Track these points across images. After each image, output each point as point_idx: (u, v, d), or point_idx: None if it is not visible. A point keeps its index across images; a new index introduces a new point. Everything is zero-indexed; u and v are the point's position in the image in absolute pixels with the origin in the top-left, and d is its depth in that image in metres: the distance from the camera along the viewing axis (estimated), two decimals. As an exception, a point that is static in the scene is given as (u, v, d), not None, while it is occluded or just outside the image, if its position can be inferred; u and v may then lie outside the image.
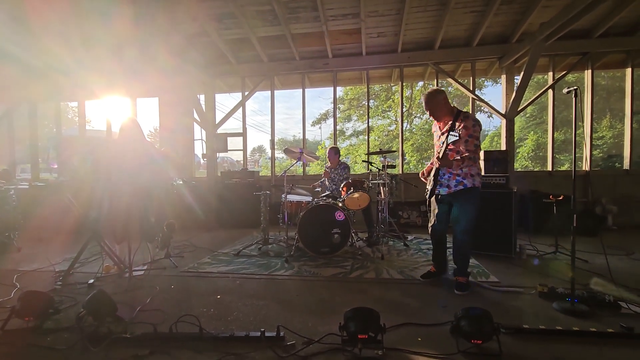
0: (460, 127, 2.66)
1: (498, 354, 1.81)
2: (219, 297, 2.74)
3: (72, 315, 2.28)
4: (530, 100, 6.42)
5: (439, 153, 2.68)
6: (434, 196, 2.92)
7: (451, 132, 2.53)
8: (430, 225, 3.07)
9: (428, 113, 2.90)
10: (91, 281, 3.06)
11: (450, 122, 2.67)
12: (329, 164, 5.02)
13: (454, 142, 2.61)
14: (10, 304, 2.43)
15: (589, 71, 5.92)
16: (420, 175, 3.13)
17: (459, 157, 2.69)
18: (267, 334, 1.98)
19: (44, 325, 2.21)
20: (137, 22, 5.36)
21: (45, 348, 1.96)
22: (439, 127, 2.93)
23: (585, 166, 5.70)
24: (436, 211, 3.00)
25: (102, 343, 1.95)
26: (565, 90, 2.36)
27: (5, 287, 2.98)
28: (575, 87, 2.27)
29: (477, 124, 2.72)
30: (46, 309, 2.26)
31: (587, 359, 1.81)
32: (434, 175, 2.80)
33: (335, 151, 4.99)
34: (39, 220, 4.91)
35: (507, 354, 1.82)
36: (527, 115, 17.92)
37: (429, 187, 2.91)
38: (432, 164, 3.00)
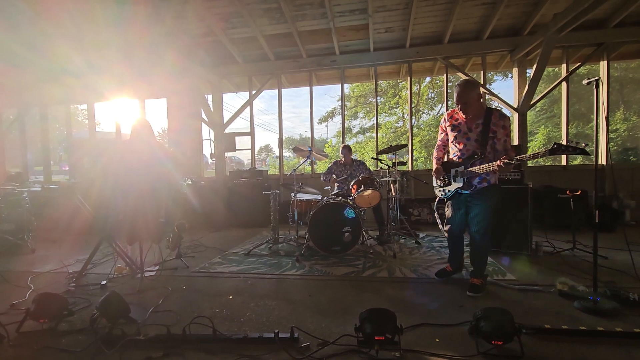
0: (499, 127, 2.54)
1: (520, 356, 1.75)
2: (230, 297, 2.73)
3: (86, 317, 2.27)
4: (543, 93, 6.28)
5: (503, 158, 2.40)
6: (452, 197, 2.81)
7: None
8: (446, 228, 2.93)
9: (460, 105, 2.62)
10: (104, 282, 3.07)
11: (481, 121, 2.59)
12: (341, 160, 4.96)
13: (487, 141, 2.55)
14: (25, 305, 2.44)
15: (605, 62, 5.75)
16: (435, 173, 2.86)
17: (507, 161, 2.38)
18: (280, 336, 1.95)
19: (58, 327, 2.22)
20: (147, 25, 5.39)
21: (60, 350, 1.96)
22: (462, 121, 2.70)
23: (602, 160, 5.55)
24: (451, 212, 2.86)
25: (116, 345, 1.94)
26: (585, 82, 2.27)
27: (20, 288, 3.01)
28: (596, 78, 2.18)
29: (509, 120, 2.63)
30: (60, 310, 2.27)
31: (614, 360, 1.74)
32: (461, 173, 2.68)
33: (349, 149, 4.96)
34: (52, 222, 4.97)
35: (529, 355, 1.76)
36: (538, 109, 17.59)
37: (448, 187, 2.79)
38: (442, 161, 2.87)
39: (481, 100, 2.67)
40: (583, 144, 2.11)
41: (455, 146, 2.76)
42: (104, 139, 11.59)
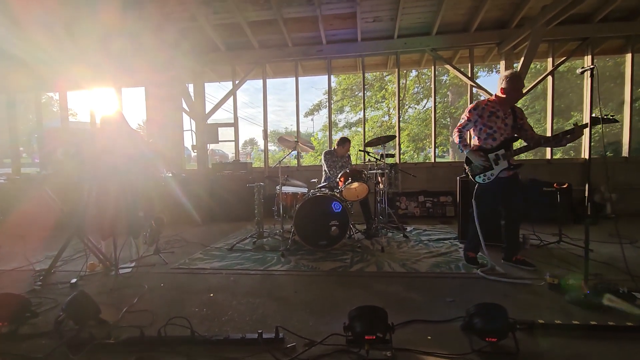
0: (524, 118, 3.03)
1: (515, 353, 1.68)
2: (212, 295, 2.57)
3: (52, 319, 2.08)
4: (529, 87, 6.29)
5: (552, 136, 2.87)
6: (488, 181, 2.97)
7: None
8: (481, 213, 3.00)
9: (517, 94, 2.99)
10: (74, 280, 2.86)
11: (511, 112, 3.00)
12: (336, 151, 4.79)
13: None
14: (-18, 307, 2.22)
15: (589, 57, 5.80)
16: (477, 156, 2.96)
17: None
18: (265, 336, 1.82)
19: (19, 330, 2.02)
20: (124, 9, 5.09)
21: (19, 356, 1.78)
22: (498, 111, 2.97)
23: (584, 154, 5.63)
24: (490, 195, 3.00)
25: (84, 349, 1.77)
26: (579, 70, 2.22)
27: (-21, 288, 2.76)
28: (591, 66, 2.13)
29: None
30: (22, 312, 2.08)
31: (609, 355, 1.69)
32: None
33: (348, 142, 4.79)
34: (19, 216, 4.64)
35: (523, 352, 1.70)
36: (519, 105, 17.89)
37: (491, 172, 2.93)
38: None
39: None
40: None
41: (494, 132, 2.95)
42: (79, 129, 11.05)
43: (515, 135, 2.97)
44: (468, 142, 3.08)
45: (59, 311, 2.04)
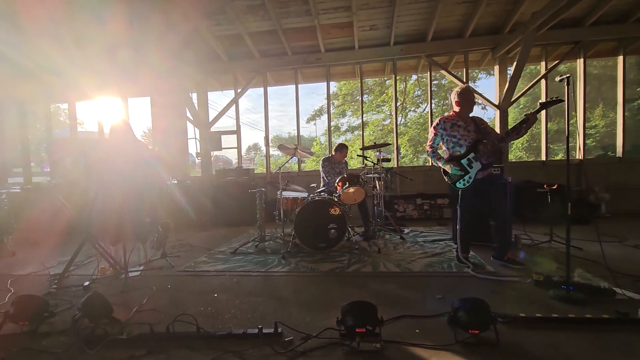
0: (485, 123, 3.26)
1: (495, 343, 1.82)
2: (215, 295, 2.73)
3: (68, 318, 2.25)
4: (523, 90, 6.43)
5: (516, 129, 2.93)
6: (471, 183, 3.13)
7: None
8: (465, 215, 3.21)
9: (470, 104, 3.20)
10: (86, 283, 3.04)
11: (472, 120, 3.21)
12: (333, 156, 4.92)
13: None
14: (4, 308, 2.39)
15: (581, 60, 5.93)
16: (453, 163, 3.18)
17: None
18: (264, 331, 1.97)
19: (39, 329, 2.19)
20: (130, 22, 5.31)
21: (41, 352, 1.94)
22: (459, 121, 3.19)
23: (579, 155, 5.74)
24: (471, 199, 3.19)
25: (98, 345, 1.93)
26: (558, 79, 2.35)
27: (-1, 292, 2.95)
28: (567, 75, 2.27)
29: None
30: (41, 312, 2.24)
31: (584, 345, 1.82)
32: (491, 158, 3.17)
33: (346, 148, 4.92)
34: (33, 224, 4.85)
35: (504, 343, 1.83)
36: (520, 107, 17.98)
37: (468, 175, 3.10)
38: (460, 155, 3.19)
39: None
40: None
41: (459, 140, 3.17)
42: (87, 139, 11.32)
43: (480, 138, 3.15)
44: (440, 155, 3.34)
45: (75, 310, 2.20)
